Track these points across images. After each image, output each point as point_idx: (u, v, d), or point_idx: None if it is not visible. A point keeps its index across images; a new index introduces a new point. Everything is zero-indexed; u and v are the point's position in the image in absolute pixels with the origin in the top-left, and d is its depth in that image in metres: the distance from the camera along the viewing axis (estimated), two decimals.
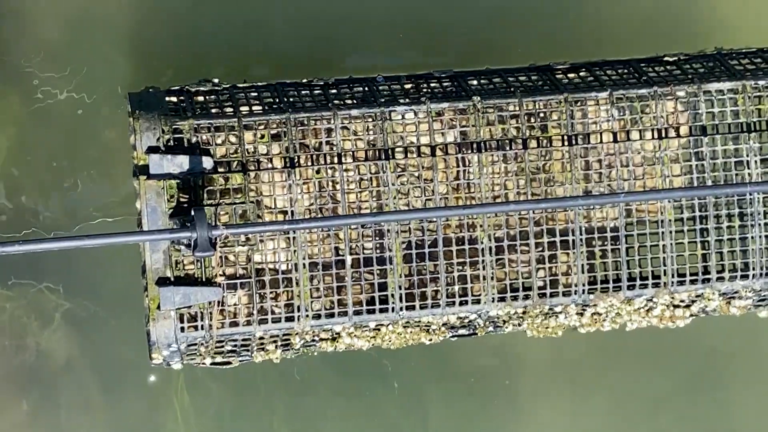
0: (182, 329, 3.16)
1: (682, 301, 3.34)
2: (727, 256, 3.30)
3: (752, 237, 3.29)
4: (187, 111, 3.22)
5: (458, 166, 3.24)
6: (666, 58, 3.41)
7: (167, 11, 3.97)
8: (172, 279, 3.14)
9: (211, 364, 3.32)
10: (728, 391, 4.05)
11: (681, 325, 3.38)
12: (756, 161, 3.29)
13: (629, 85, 3.29)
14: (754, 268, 3.30)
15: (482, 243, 3.23)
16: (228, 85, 3.34)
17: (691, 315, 3.38)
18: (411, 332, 3.31)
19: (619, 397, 4.01)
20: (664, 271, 3.28)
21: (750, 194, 3.27)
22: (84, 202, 3.90)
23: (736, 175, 3.28)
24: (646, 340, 3.79)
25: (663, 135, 3.27)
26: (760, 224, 3.29)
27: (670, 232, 3.28)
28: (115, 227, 3.84)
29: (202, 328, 3.17)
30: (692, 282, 3.29)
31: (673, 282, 3.28)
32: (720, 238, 3.29)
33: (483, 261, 3.23)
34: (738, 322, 3.60)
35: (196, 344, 3.21)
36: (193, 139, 3.16)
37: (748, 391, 4.05)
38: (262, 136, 3.21)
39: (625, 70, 3.36)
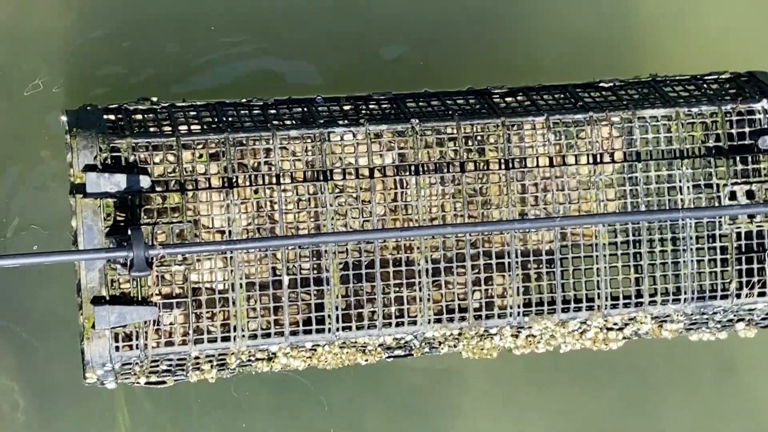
0: (117, 348, 3.08)
1: (615, 324, 3.30)
2: (660, 280, 3.27)
3: (684, 262, 3.27)
4: (125, 129, 3.14)
5: (396, 187, 3.19)
6: (601, 84, 3.38)
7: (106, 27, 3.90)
8: (108, 298, 3.06)
9: (146, 383, 3.23)
10: (660, 412, 4.03)
11: (614, 348, 3.35)
12: (688, 187, 3.27)
13: (565, 110, 3.25)
14: (685, 293, 3.27)
15: (419, 264, 3.18)
16: (166, 104, 3.26)
17: (624, 338, 3.34)
18: (347, 353, 3.25)
19: (555, 416, 3.98)
20: (598, 294, 3.24)
21: (682, 219, 3.24)
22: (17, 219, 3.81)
23: (669, 200, 3.26)
24: (583, 360, 3.76)
25: (598, 160, 3.24)
26: (691, 249, 3.27)
27: (604, 255, 3.24)
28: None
29: (137, 348, 3.09)
30: (625, 305, 3.25)
31: (606, 305, 3.24)
32: (653, 262, 3.26)
33: (420, 282, 3.18)
34: (670, 344, 3.57)
35: (130, 363, 3.12)
36: (131, 158, 3.09)
37: (679, 412, 4.04)
38: (201, 156, 3.14)
39: (562, 95, 3.33)
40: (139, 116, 3.22)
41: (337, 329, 3.16)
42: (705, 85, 3.38)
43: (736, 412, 4.06)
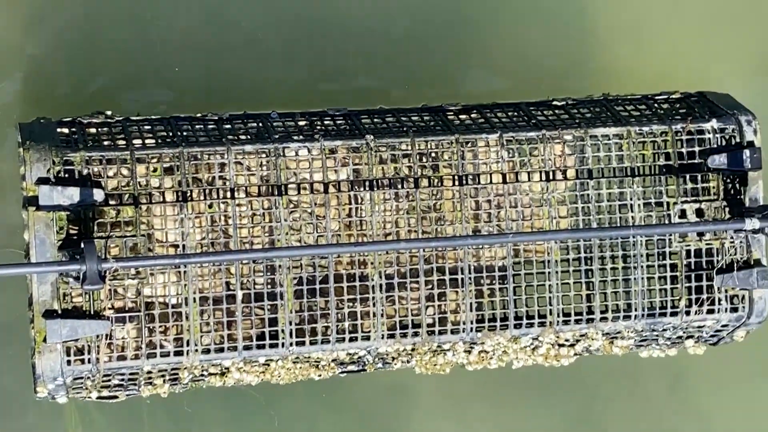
0: (68, 362, 3.02)
1: (566, 340, 3.29)
2: (611, 297, 3.26)
3: (635, 279, 3.26)
4: (78, 143, 3.10)
5: (350, 203, 3.17)
6: (554, 103, 3.38)
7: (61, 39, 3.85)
8: (60, 311, 3.00)
9: (98, 398, 3.18)
10: (611, 427, 4.03)
11: (565, 364, 3.34)
12: (639, 205, 3.27)
13: (519, 128, 3.25)
14: (636, 309, 3.27)
15: (373, 280, 3.15)
16: (121, 118, 3.22)
17: (576, 354, 3.33)
18: (300, 368, 3.21)
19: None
20: (550, 310, 3.23)
21: (633, 237, 3.24)
22: None
23: (621, 217, 3.26)
24: (535, 376, 3.74)
25: (551, 177, 3.23)
26: (642, 266, 3.27)
27: (556, 272, 3.23)
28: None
29: (89, 362, 3.04)
30: (577, 322, 3.24)
31: (558, 321, 3.23)
32: (604, 279, 3.25)
33: (373, 298, 3.15)
34: (621, 361, 3.57)
35: (82, 378, 3.07)
36: (85, 171, 3.04)
37: (629, 428, 4.04)
38: (155, 170, 3.10)
39: (515, 113, 3.32)
40: (93, 130, 3.18)
41: (291, 344, 3.12)
42: (656, 105, 3.39)
43: (684, 428, 4.06)
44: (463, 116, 3.31)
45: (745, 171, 3.27)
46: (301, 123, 3.25)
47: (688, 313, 3.29)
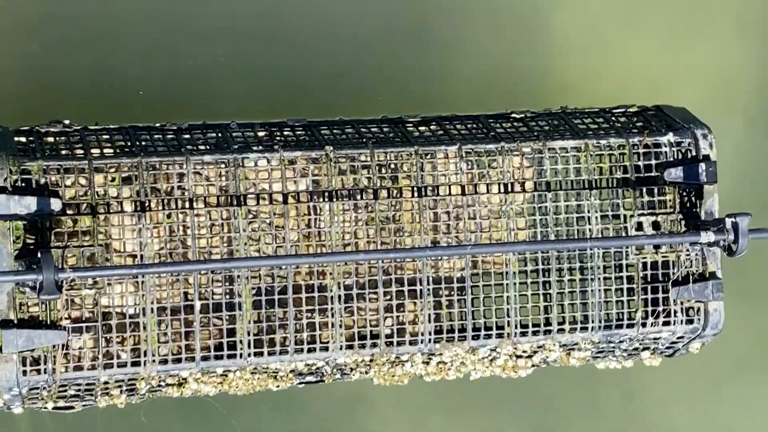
0: (24, 373, 2.98)
1: (524, 351, 3.28)
2: (568, 308, 3.26)
3: (592, 290, 3.26)
4: (36, 152, 3.06)
5: (310, 214, 3.15)
6: (513, 115, 3.37)
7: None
8: (16, 321, 2.96)
9: (54, 408, 3.14)
10: None
11: (523, 375, 3.33)
12: (596, 217, 3.27)
13: (477, 140, 3.24)
14: (593, 321, 3.27)
15: (332, 291, 3.14)
16: (79, 127, 3.19)
17: (533, 365, 3.33)
18: (258, 378, 3.19)
19: None
20: (508, 322, 3.22)
21: (590, 249, 3.24)
22: None
23: (578, 230, 3.26)
24: (493, 387, 3.73)
25: (509, 189, 3.23)
26: (599, 278, 3.27)
27: (514, 284, 3.23)
28: None
29: (45, 372, 3.00)
30: (534, 333, 3.24)
31: (516, 333, 3.23)
32: (561, 291, 3.25)
33: (332, 308, 3.13)
34: (577, 372, 3.57)
35: (38, 388, 3.03)
36: (42, 181, 3.00)
37: None
38: (113, 179, 3.07)
39: (474, 125, 3.32)
40: (50, 139, 3.14)
41: (249, 355, 3.10)
42: (613, 118, 3.39)
43: None
44: (422, 128, 3.30)
45: (700, 184, 3.28)
46: (261, 133, 3.23)
47: (644, 325, 3.29)
